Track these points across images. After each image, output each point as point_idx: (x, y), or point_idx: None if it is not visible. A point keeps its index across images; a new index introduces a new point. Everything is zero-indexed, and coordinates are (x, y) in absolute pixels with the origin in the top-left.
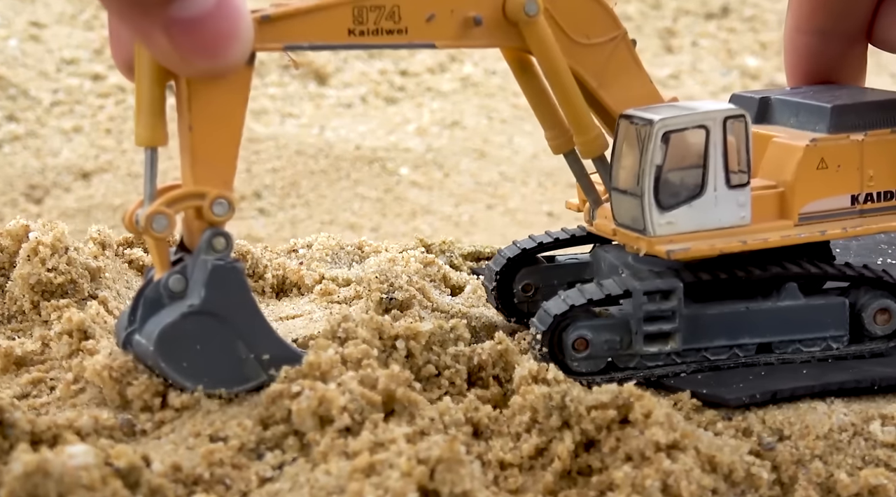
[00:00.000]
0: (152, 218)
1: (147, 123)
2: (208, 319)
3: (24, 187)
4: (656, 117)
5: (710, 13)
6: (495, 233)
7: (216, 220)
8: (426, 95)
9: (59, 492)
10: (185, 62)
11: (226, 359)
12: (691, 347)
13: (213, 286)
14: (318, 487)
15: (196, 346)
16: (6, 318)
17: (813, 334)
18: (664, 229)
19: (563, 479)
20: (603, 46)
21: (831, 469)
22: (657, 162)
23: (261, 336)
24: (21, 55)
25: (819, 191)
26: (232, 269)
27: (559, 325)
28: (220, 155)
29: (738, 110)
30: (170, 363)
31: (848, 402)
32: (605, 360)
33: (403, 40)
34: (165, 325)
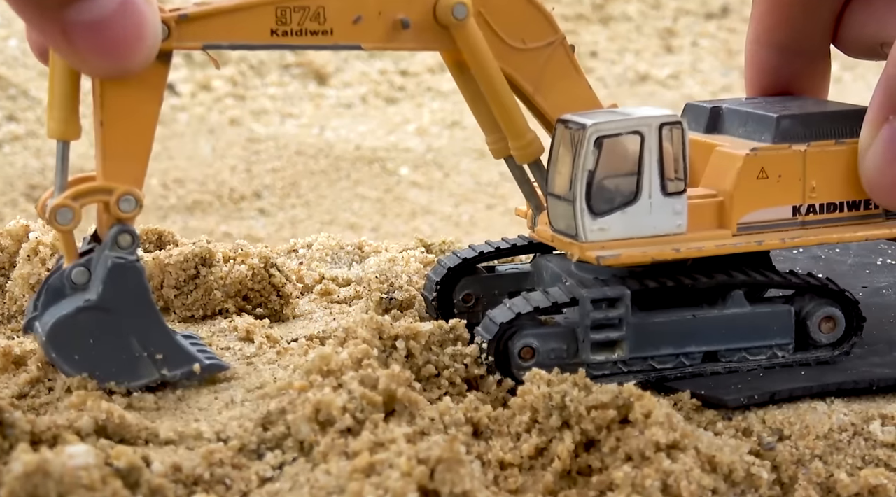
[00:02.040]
0: (56, 211)
1: (58, 117)
2: (103, 315)
3: (24, 187)
4: (590, 122)
5: (710, 13)
6: (495, 233)
7: (123, 216)
8: (426, 95)
9: (59, 492)
10: (86, 64)
11: (119, 354)
12: (638, 356)
13: (111, 283)
14: (318, 487)
15: (89, 340)
16: (6, 318)
17: (759, 342)
18: (596, 235)
19: (563, 479)
20: (540, 51)
21: (831, 469)
22: (589, 167)
23: (155, 336)
24: (21, 55)
25: (759, 201)
26: (132, 267)
27: (505, 334)
28: (131, 152)
29: (674, 117)
30: (60, 354)
31: (848, 402)
32: (552, 368)
33: (329, 41)
34: (59, 318)
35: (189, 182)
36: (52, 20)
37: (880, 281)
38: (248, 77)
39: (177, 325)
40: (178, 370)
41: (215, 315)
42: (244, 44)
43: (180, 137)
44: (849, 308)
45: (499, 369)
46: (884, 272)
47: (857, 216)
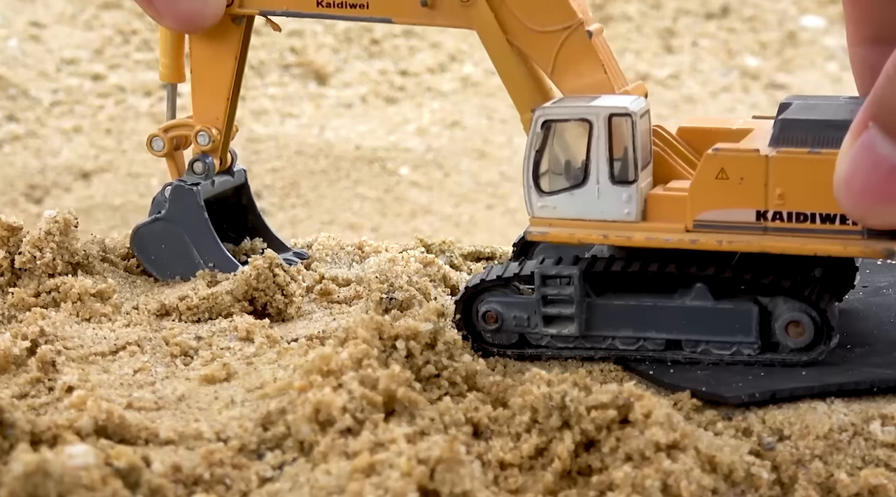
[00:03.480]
0: (152, 139)
1: (166, 63)
2: (169, 226)
3: (24, 187)
4: (541, 106)
5: (710, 13)
6: (495, 233)
7: (200, 148)
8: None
9: (59, 492)
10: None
11: (184, 260)
12: (598, 334)
13: (174, 201)
14: (318, 487)
15: (161, 245)
16: (6, 318)
17: (721, 337)
18: (542, 212)
19: (563, 479)
20: (556, 35)
21: (831, 469)
22: (535, 147)
23: (208, 247)
24: (21, 55)
25: (716, 200)
26: (188, 190)
27: (473, 297)
28: (211, 96)
29: (624, 109)
30: (141, 254)
31: (848, 402)
32: (516, 335)
33: (364, 14)
34: (140, 225)
35: None
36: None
37: (880, 281)
38: (247, 77)
39: (179, 327)
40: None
41: (218, 316)
42: (295, 12)
43: None
44: (819, 315)
45: (466, 329)
46: (884, 272)
47: (832, 230)
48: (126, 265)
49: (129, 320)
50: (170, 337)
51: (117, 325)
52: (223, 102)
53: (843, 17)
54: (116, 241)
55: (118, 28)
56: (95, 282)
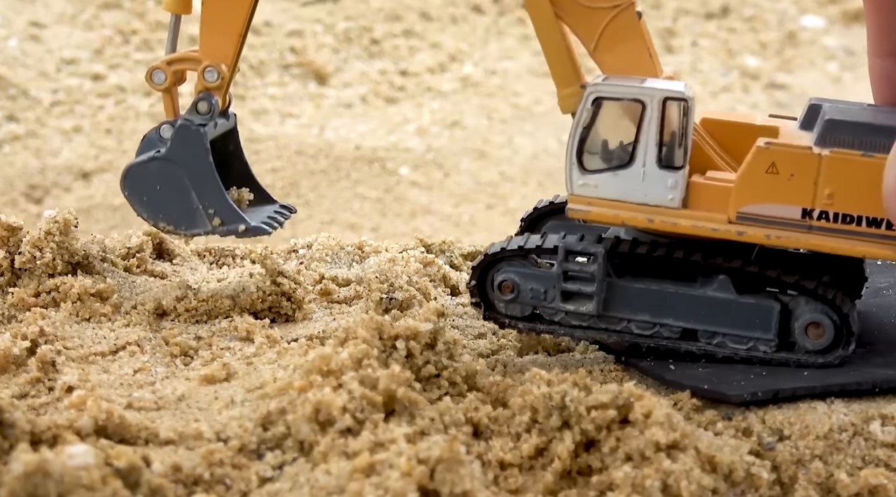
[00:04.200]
0: (152, 72)
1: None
2: (169, 166)
3: (24, 187)
4: (593, 82)
5: (710, 13)
6: (495, 233)
7: (208, 85)
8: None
9: (59, 492)
10: None
11: (180, 204)
12: (614, 315)
13: (178, 140)
14: (318, 487)
15: (156, 186)
16: (6, 318)
17: (739, 331)
18: (583, 190)
19: (563, 479)
20: (604, 12)
21: (831, 469)
22: (583, 124)
23: (210, 193)
24: (21, 55)
25: (763, 194)
26: (195, 130)
27: (491, 265)
28: (221, 31)
29: (680, 93)
30: (132, 195)
31: (848, 402)
32: (530, 307)
33: None
34: (133, 163)
35: None
36: None
37: (881, 281)
38: (247, 77)
39: (179, 327)
40: (225, 227)
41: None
42: None
43: None
44: (840, 318)
45: (480, 296)
46: (884, 272)
47: (877, 234)
48: (126, 265)
49: (129, 320)
50: (170, 337)
51: (117, 325)
52: (235, 39)
53: (843, 17)
54: (116, 241)
55: (118, 28)
56: (95, 282)
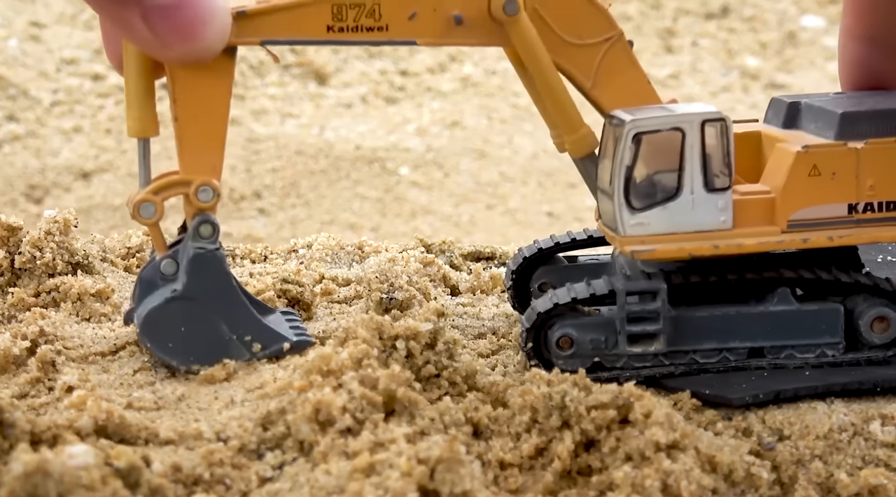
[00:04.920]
0: (140, 205)
1: (136, 115)
2: (190, 303)
3: (24, 187)
4: (629, 118)
5: (710, 13)
6: (495, 233)
7: (202, 206)
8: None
9: (59, 492)
10: (165, 47)
11: (210, 339)
12: (679, 349)
13: (194, 273)
14: (318, 487)
15: (181, 328)
16: (6, 318)
17: (807, 340)
18: (635, 230)
19: (563, 479)
20: (597, 47)
21: (831, 469)
22: (627, 162)
23: (242, 318)
24: (21, 55)
25: (809, 198)
26: (212, 256)
27: (544, 323)
28: (206, 143)
29: (717, 114)
30: (155, 344)
31: (848, 402)
32: (591, 359)
33: (384, 37)
34: (150, 309)
35: None
36: (131, 7)
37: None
38: (247, 77)
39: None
40: (268, 350)
41: None
42: (301, 39)
43: None
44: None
45: (538, 358)
46: (884, 269)
47: None
48: (126, 265)
49: None
50: None
51: (117, 325)
52: (220, 147)
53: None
54: (116, 241)
55: None
56: (95, 282)
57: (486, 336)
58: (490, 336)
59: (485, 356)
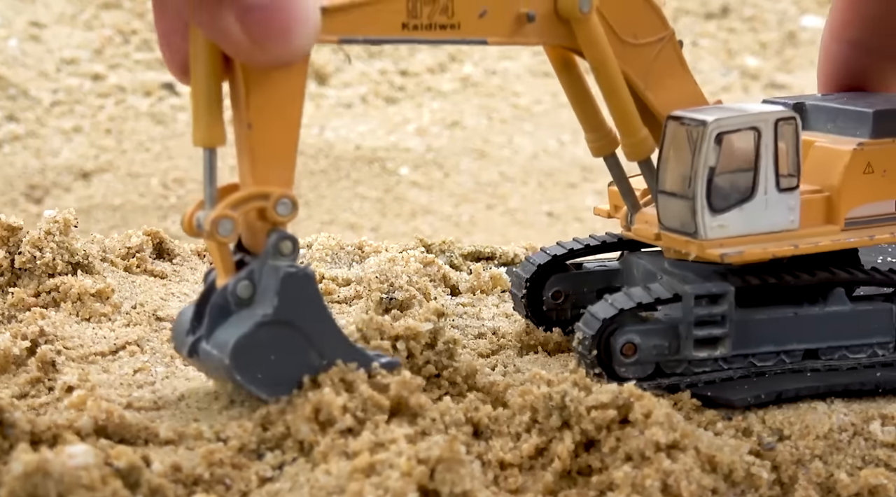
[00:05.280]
0: (217, 222)
1: (204, 123)
2: (281, 328)
3: (24, 187)
4: (710, 118)
5: (710, 13)
6: (495, 233)
7: (280, 220)
8: (426, 95)
9: (59, 492)
10: (259, 49)
11: (300, 366)
12: (738, 353)
13: (285, 294)
14: (318, 487)
15: (270, 356)
16: (6, 317)
17: (859, 340)
18: (716, 232)
19: (563, 479)
20: (651, 47)
21: (831, 469)
22: (710, 164)
23: (333, 342)
24: (21, 55)
25: (864, 195)
26: (304, 276)
27: (607, 330)
28: (281, 152)
29: (789, 113)
30: (245, 375)
31: (848, 402)
32: (652, 365)
33: (456, 36)
34: (240, 337)
35: (189, 182)
36: (228, 7)
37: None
38: None
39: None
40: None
41: None
42: (377, 38)
43: (180, 137)
44: None
45: (600, 366)
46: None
47: None
48: (126, 265)
49: (129, 320)
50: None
51: (117, 324)
52: (294, 155)
53: None
54: (116, 241)
55: (118, 28)
56: (95, 282)
57: (486, 336)
58: (490, 336)
59: (485, 356)
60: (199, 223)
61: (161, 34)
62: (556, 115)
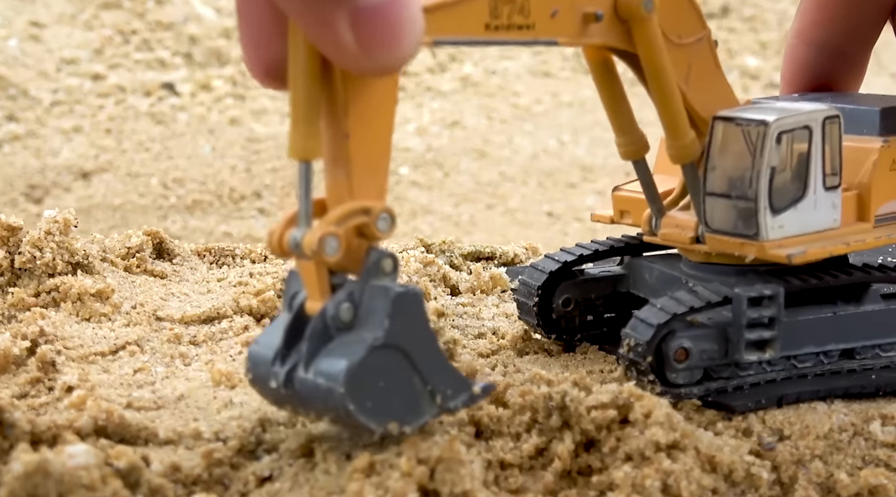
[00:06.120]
0: (325, 240)
1: (303, 133)
2: (392, 353)
3: (24, 187)
4: (770, 118)
5: (710, 13)
6: (495, 233)
7: (380, 235)
8: (426, 95)
9: (59, 492)
10: (367, 55)
11: (405, 393)
12: (782, 355)
13: (396, 316)
14: (318, 487)
15: (380, 383)
16: (6, 318)
17: (892, 338)
18: (776, 233)
19: (563, 479)
20: (691, 47)
21: (831, 469)
22: (773, 164)
23: (437, 368)
24: (21, 55)
25: (891, 192)
26: (414, 296)
27: (660, 335)
28: (377, 162)
29: (834, 111)
30: (357, 404)
31: (848, 402)
32: (702, 370)
33: (530, 36)
34: (353, 363)
35: (189, 182)
36: (342, 9)
37: None
38: (247, 77)
39: (178, 326)
40: (458, 399)
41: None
42: (464, 39)
43: (180, 137)
44: None
45: (653, 372)
46: None
47: None
48: (126, 265)
49: (129, 320)
50: (170, 337)
51: (117, 324)
52: (388, 166)
53: None
54: (116, 241)
55: (118, 28)
56: (95, 282)
57: (485, 336)
58: (490, 336)
59: (485, 356)
60: (295, 242)
61: (245, 31)
62: (556, 115)
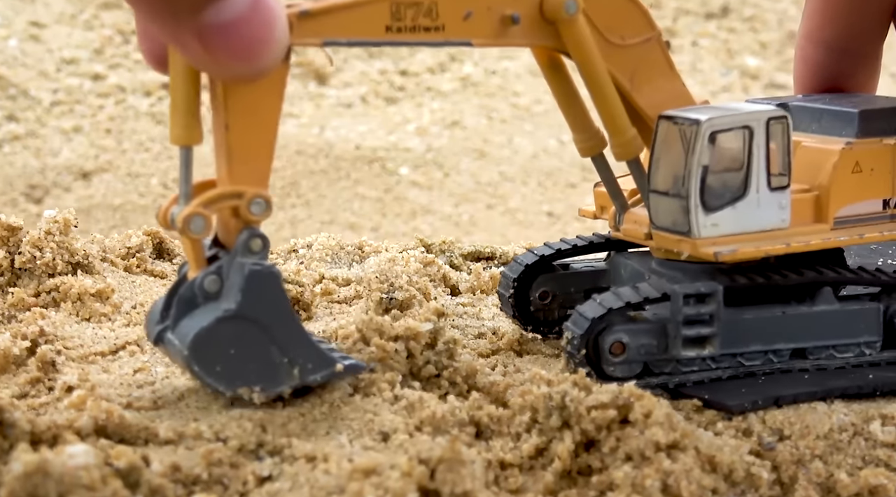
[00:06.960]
0: (190, 219)
1: (181, 122)
2: (243, 324)
3: (24, 187)
4: (703, 117)
5: (710, 13)
6: (495, 233)
7: (253, 219)
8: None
9: (59, 492)
10: (220, 67)
11: (259, 362)
12: (727, 352)
13: (249, 291)
14: (318, 487)
15: (230, 351)
16: (6, 317)
17: (846, 340)
18: (709, 231)
19: (563, 479)
20: (637, 47)
21: (831, 469)
22: (704, 162)
23: (295, 341)
24: (21, 55)
25: (853, 194)
26: (269, 273)
27: (595, 329)
28: (257, 153)
29: (780, 112)
30: (203, 367)
31: (848, 402)
32: (641, 364)
33: (440, 37)
34: (200, 330)
35: None
36: (186, 24)
37: None
38: None
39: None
40: (318, 373)
41: None
42: (360, 40)
43: None
44: None
45: (588, 365)
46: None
47: None
48: (126, 265)
49: (129, 320)
50: None
51: (117, 324)
52: (271, 155)
53: None
54: (116, 241)
55: (118, 28)
56: (95, 282)
57: (486, 336)
58: (490, 336)
59: (485, 356)
60: (172, 218)
61: (139, 25)
62: (556, 115)
